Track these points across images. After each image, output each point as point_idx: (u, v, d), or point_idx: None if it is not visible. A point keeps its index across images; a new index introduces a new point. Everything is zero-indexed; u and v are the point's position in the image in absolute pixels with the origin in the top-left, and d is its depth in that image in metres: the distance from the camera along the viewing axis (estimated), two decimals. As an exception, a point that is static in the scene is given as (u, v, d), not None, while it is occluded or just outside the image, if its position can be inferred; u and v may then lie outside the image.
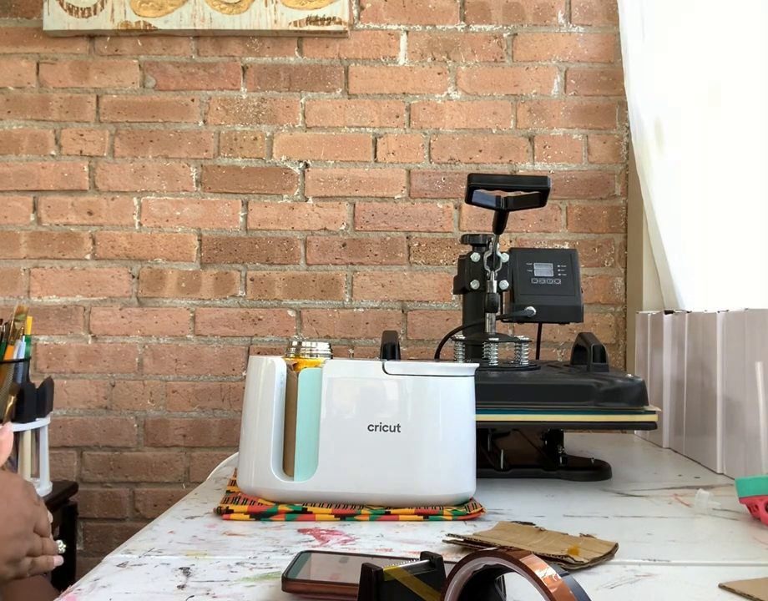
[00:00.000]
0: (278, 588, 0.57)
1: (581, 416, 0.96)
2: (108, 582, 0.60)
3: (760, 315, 0.98)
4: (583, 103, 1.68)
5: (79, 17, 1.63)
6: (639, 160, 1.49)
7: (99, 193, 1.68)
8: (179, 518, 0.79)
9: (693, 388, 1.21)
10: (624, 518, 0.82)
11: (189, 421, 1.66)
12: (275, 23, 1.64)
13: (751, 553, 0.70)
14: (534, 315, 1.11)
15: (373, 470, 0.79)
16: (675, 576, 0.63)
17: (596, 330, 1.65)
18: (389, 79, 1.68)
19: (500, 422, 0.99)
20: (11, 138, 1.68)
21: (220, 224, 1.67)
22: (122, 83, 1.68)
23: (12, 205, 1.67)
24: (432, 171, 1.68)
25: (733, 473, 1.04)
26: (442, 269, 1.67)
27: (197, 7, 1.63)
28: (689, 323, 1.23)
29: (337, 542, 0.70)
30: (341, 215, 1.67)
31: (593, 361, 1.05)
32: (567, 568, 0.61)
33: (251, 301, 1.67)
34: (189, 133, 1.68)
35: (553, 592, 0.37)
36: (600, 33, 1.68)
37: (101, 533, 1.66)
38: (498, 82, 1.68)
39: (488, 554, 0.40)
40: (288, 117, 1.68)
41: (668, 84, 1.44)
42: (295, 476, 0.80)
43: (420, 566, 0.49)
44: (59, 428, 1.65)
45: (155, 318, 1.66)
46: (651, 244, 1.52)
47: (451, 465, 0.81)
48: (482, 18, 1.68)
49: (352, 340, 1.66)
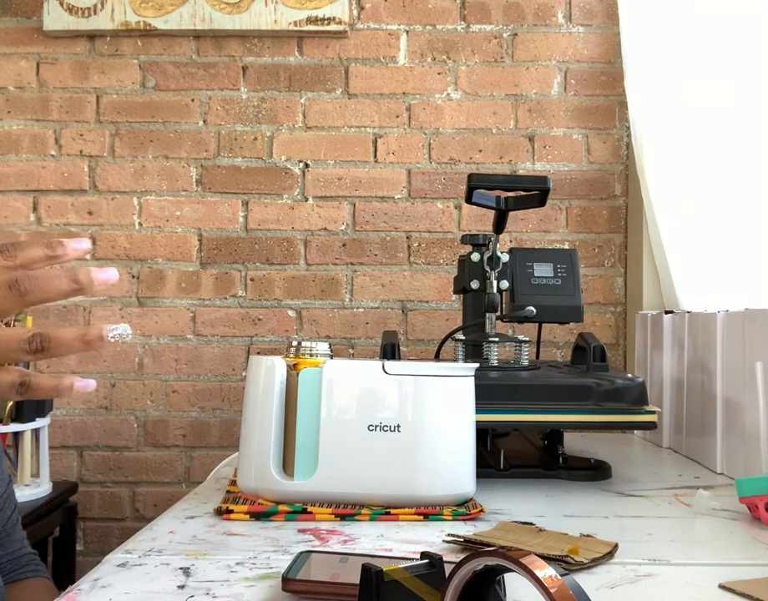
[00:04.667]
0: (278, 588, 0.57)
1: (581, 416, 0.96)
2: (108, 582, 0.60)
3: (760, 315, 0.98)
4: (583, 103, 1.68)
5: (79, 17, 1.63)
6: (638, 160, 1.49)
7: (99, 193, 1.68)
8: (179, 518, 0.79)
9: (693, 388, 1.21)
10: (624, 518, 0.82)
11: (189, 421, 1.66)
12: (275, 23, 1.64)
13: (751, 553, 0.70)
14: (534, 315, 1.11)
15: (373, 470, 0.79)
16: (675, 576, 0.63)
17: (596, 330, 1.65)
18: (389, 79, 1.68)
19: (500, 422, 0.99)
20: (11, 138, 1.68)
21: (220, 224, 1.67)
22: (122, 83, 1.68)
23: (12, 205, 1.67)
24: (432, 171, 1.68)
25: (733, 473, 1.04)
26: (442, 269, 1.67)
27: (197, 7, 1.63)
28: (689, 323, 1.23)
29: (337, 543, 0.70)
30: (341, 215, 1.67)
31: (593, 360, 1.05)
32: (567, 568, 0.61)
33: (251, 301, 1.67)
34: (189, 133, 1.68)
35: (553, 592, 0.37)
36: (600, 33, 1.68)
37: (101, 533, 1.66)
38: (498, 82, 1.68)
39: (488, 554, 0.40)
40: (288, 117, 1.68)
41: (668, 84, 1.44)
42: (295, 476, 0.80)
43: (420, 566, 0.49)
44: (59, 428, 1.65)
45: (155, 318, 1.66)
46: (651, 244, 1.52)
47: (451, 465, 0.81)
48: (482, 18, 1.68)
49: (352, 340, 1.66)
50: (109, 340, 0.52)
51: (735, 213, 1.39)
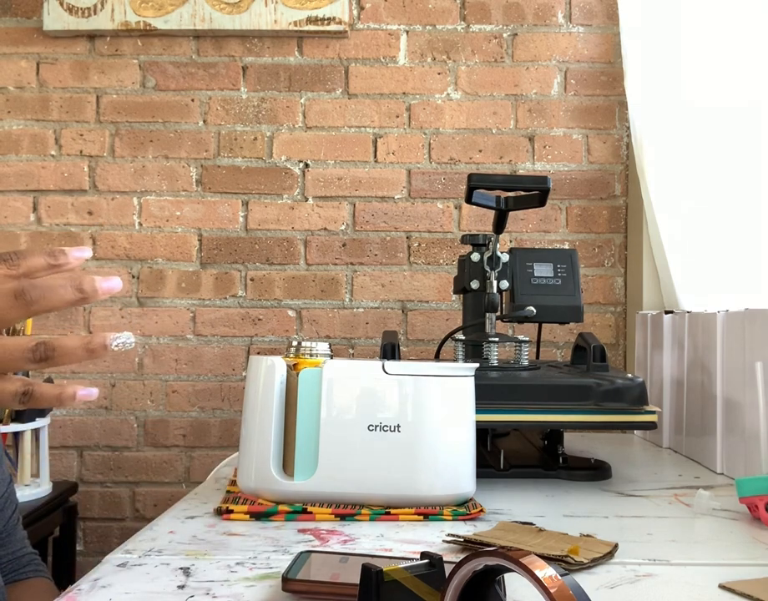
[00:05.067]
0: (278, 588, 0.57)
1: (581, 416, 0.96)
2: (108, 582, 0.60)
3: (760, 315, 0.98)
4: (583, 103, 1.68)
5: (79, 17, 1.63)
6: (638, 160, 1.49)
7: (99, 193, 1.68)
8: (179, 518, 0.79)
9: (693, 388, 1.21)
10: (624, 518, 0.82)
11: (189, 421, 1.66)
12: (275, 23, 1.64)
13: (751, 553, 0.70)
14: (534, 315, 1.11)
15: (373, 470, 0.79)
16: (675, 576, 0.63)
17: (596, 330, 1.65)
18: (389, 79, 1.68)
19: (500, 422, 0.99)
20: (11, 138, 1.68)
21: (220, 224, 1.67)
22: (122, 83, 1.68)
23: (12, 205, 1.67)
24: (432, 171, 1.68)
25: (733, 473, 1.04)
26: (442, 269, 1.67)
27: (197, 7, 1.63)
28: (689, 323, 1.23)
29: (337, 543, 0.70)
30: (341, 215, 1.67)
31: (593, 360, 1.05)
32: (567, 568, 0.61)
33: (251, 301, 1.67)
34: (189, 133, 1.68)
35: (553, 592, 0.37)
36: (600, 33, 1.68)
37: (101, 533, 1.66)
38: (498, 82, 1.68)
39: (488, 554, 0.40)
40: (288, 117, 1.68)
41: (668, 84, 1.44)
42: (295, 476, 0.80)
43: (420, 566, 0.49)
44: (59, 428, 1.65)
45: (155, 318, 1.66)
46: (651, 244, 1.52)
47: (451, 465, 0.81)
48: (482, 18, 1.68)
49: (352, 340, 1.66)
50: (113, 349, 0.52)
51: (734, 213, 1.39)
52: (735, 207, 1.38)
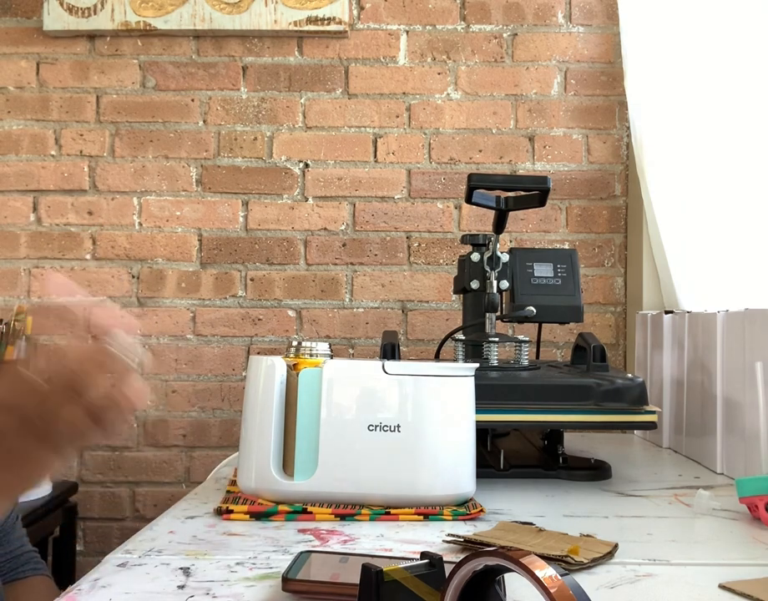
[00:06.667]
0: (278, 588, 0.57)
1: (581, 416, 0.96)
2: (108, 582, 0.60)
3: (760, 315, 0.98)
4: (583, 103, 1.68)
5: (79, 17, 1.63)
6: (638, 160, 1.49)
7: (99, 193, 1.68)
8: (179, 518, 0.79)
9: (693, 388, 1.21)
10: (624, 518, 0.82)
11: (189, 421, 1.66)
12: (275, 23, 1.64)
13: (751, 553, 0.70)
14: (534, 315, 1.11)
15: (373, 470, 0.79)
16: (675, 576, 0.63)
17: (596, 330, 1.64)
18: (389, 79, 1.68)
19: (500, 422, 0.99)
20: (11, 138, 1.68)
21: (220, 224, 1.67)
22: (122, 83, 1.68)
23: (12, 205, 1.67)
24: (432, 171, 1.68)
25: (733, 473, 1.04)
26: (442, 269, 1.67)
27: (197, 7, 1.63)
28: (689, 323, 1.23)
29: (337, 543, 0.70)
30: (341, 215, 1.67)
31: (593, 360, 1.05)
32: (567, 568, 0.61)
33: (251, 301, 1.67)
34: (189, 133, 1.68)
35: (553, 592, 0.37)
36: (600, 33, 1.68)
37: (101, 533, 1.66)
38: (498, 82, 1.68)
39: (488, 554, 0.40)
40: (288, 117, 1.68)
41: (668, 84, 1.44)
42: (295, 476, 0.80)
43: (420, 566, 0.49)
44: (59, 428, 1.65)
45: (155, 318, 1.66)
46: (651, 244, 1.52)
47: (451, 465, 0.81)
48: (482, 18, 1.68)
49: (352, 340, 1.66)
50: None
51: (735, 213, 1.39)
52: (735, 207, 1.38)
